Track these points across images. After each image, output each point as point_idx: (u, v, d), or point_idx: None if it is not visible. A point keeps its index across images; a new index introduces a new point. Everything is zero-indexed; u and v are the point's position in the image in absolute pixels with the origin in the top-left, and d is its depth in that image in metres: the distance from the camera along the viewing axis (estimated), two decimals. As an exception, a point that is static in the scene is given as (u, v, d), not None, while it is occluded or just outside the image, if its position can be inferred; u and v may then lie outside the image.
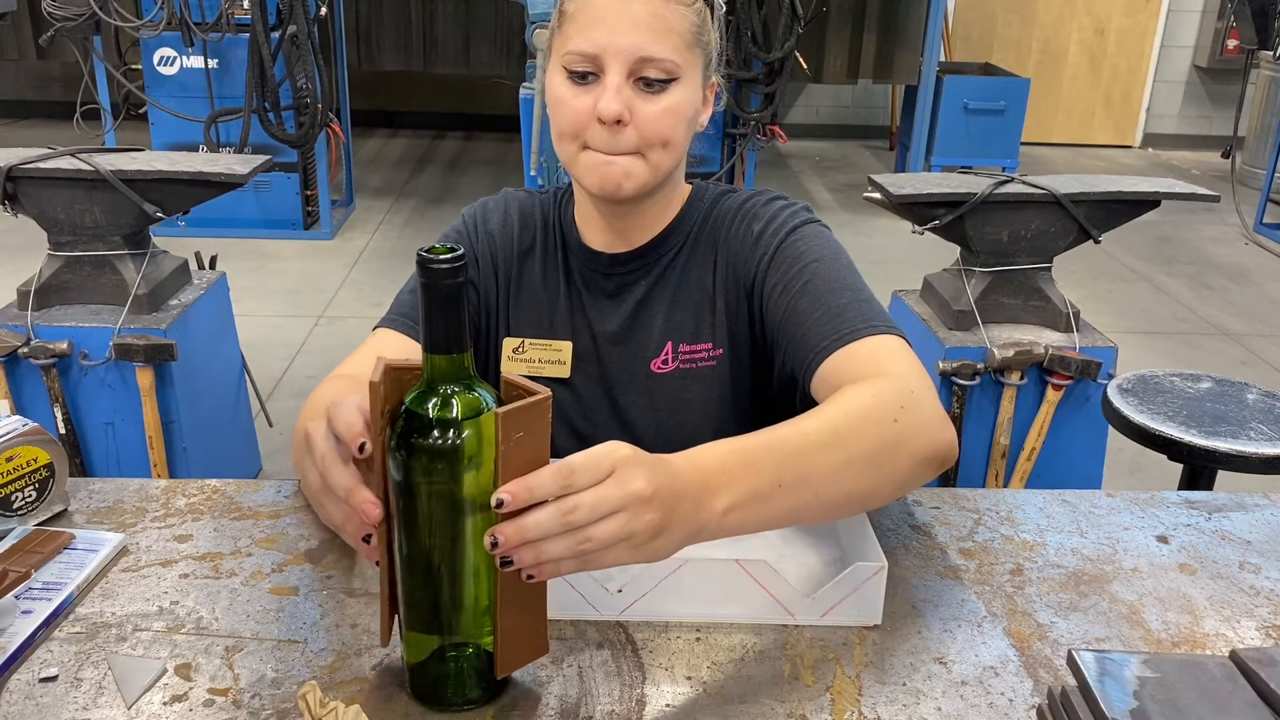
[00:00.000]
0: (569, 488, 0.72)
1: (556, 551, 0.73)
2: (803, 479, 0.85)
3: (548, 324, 1.24)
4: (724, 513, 0.81)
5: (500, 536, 0.72)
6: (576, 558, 0.74)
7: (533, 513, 0.72)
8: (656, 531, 0.75)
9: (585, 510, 0.72)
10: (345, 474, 0.78)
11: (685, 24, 1.07)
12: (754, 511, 0.83)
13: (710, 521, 0.80)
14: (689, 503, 0.78)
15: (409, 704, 0.82)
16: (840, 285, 1.10)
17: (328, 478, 0.79)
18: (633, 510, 0.74)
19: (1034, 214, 2.44)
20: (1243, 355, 4.15)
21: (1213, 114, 7.74)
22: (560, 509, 0.72)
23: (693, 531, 0.79)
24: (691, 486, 0.79)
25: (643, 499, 0.74)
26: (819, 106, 7.78)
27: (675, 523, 0.77)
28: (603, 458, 0.74)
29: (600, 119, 1.06)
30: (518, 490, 0.72)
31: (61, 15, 4.39)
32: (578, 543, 0.73)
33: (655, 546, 0.76)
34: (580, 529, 0.72)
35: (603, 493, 0.73)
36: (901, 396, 0.94)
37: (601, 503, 0.73)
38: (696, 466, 0.80)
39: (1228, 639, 0.94)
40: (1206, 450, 1.84)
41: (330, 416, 0.80)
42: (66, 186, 2.35)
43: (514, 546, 0.72)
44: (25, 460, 1.04)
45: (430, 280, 0.72)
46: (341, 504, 0.79)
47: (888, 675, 0.87)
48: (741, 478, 0.82)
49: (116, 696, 0.82)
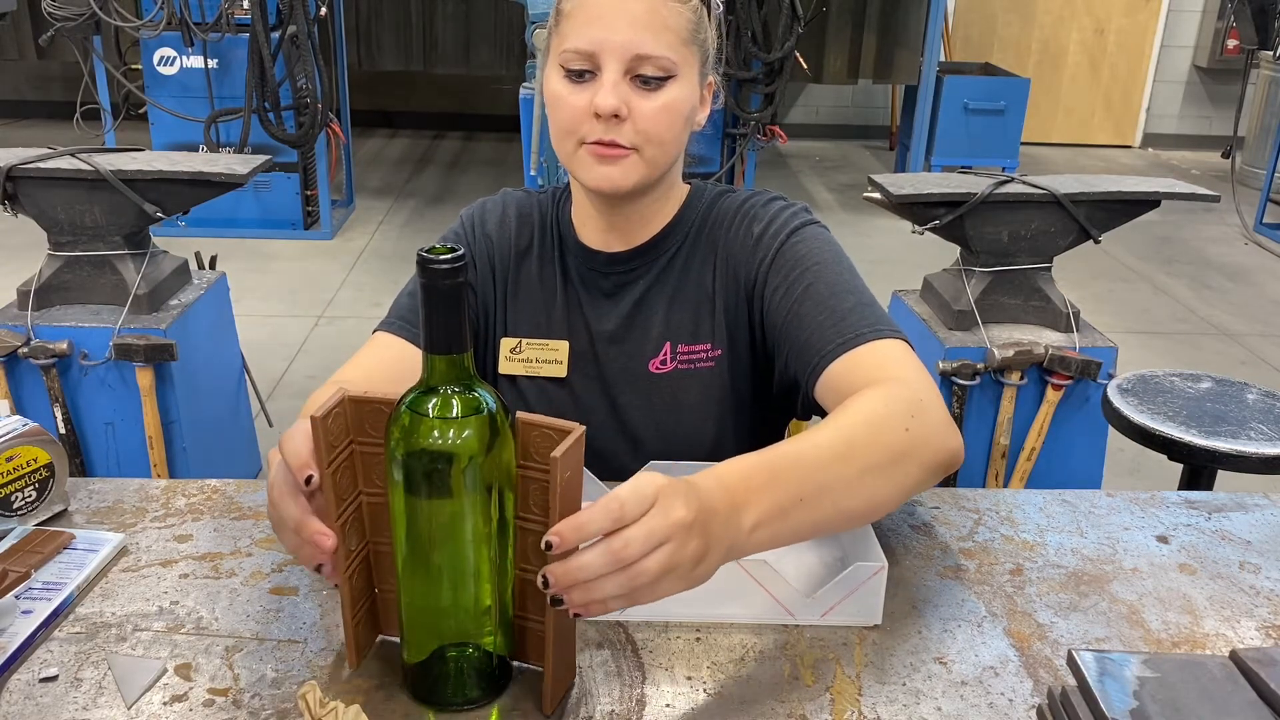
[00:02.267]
0: (620, 522, 0.71)
1: (609, 590, 0.72)
2: (823, 491, 0.85)
3: (545, 323, 1.24)
4: (751, 530, 0.80)
5: (551, 577, 0.71)
6: (627, 593, 0.72)
7: (582, 554, 0.71)
8: (700, 558, 0.75)
9: (637, 545, 0.71)
10: (293, 506, 0.79)
11: (681, 21, 1.07)
12: (779, 527, 0.83)
13: (739, 540, 0.80)
14: (720, 521, 0.77)
15: (409, 704, 0.82)
16: (843, 289, 1.10)
17: (278, 510, 0.80)
18: (679, 540, 0.73)
19: (1034, 214, 2.43)
20: (1243, 355, 4.15)
21: (1213, 114, 7.73)
22: (611, 547, 0.71)
23: (725, 551, 0.78)
24: (721, 505, 0.78)
25: (686, 526, 0.73)
26: (819, 106, 7.78)
27: (714, 545, 0.76)
28: (645, 487, 0.73)
29: (597, 113, 1.06)
30: (567, 532, 0.71)
31: (61, 15, 4.38)
32: (630, 579, 0.72)
33: (699, 573, 0.76)
34: (631, 565, 0.71)
35: (651, 525, 0.72)
36: (911, 404, 0.94)
37: (652, 534, 0.72)
38: (724, 485, 0.80)
39: (1228, 639, 0.94)
40: (1206, 450, 1.84)
41: (281, 445, 0.81)
42: (66, 186, 2.35)
43: (565, 588, 0.72)
44: (25, 460, 1.04)
45: (430, 280, 0.72)
46: (294, 535, 0.79)
47: (888, 675, 0.87)
48: (766, 494, 0.82)
49: (116, 696, 0.82)
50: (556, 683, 0.81)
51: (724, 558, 0.79)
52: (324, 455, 0.77)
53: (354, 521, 0.82)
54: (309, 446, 0.78)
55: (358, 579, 0.84)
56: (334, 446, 0.78)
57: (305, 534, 0.78)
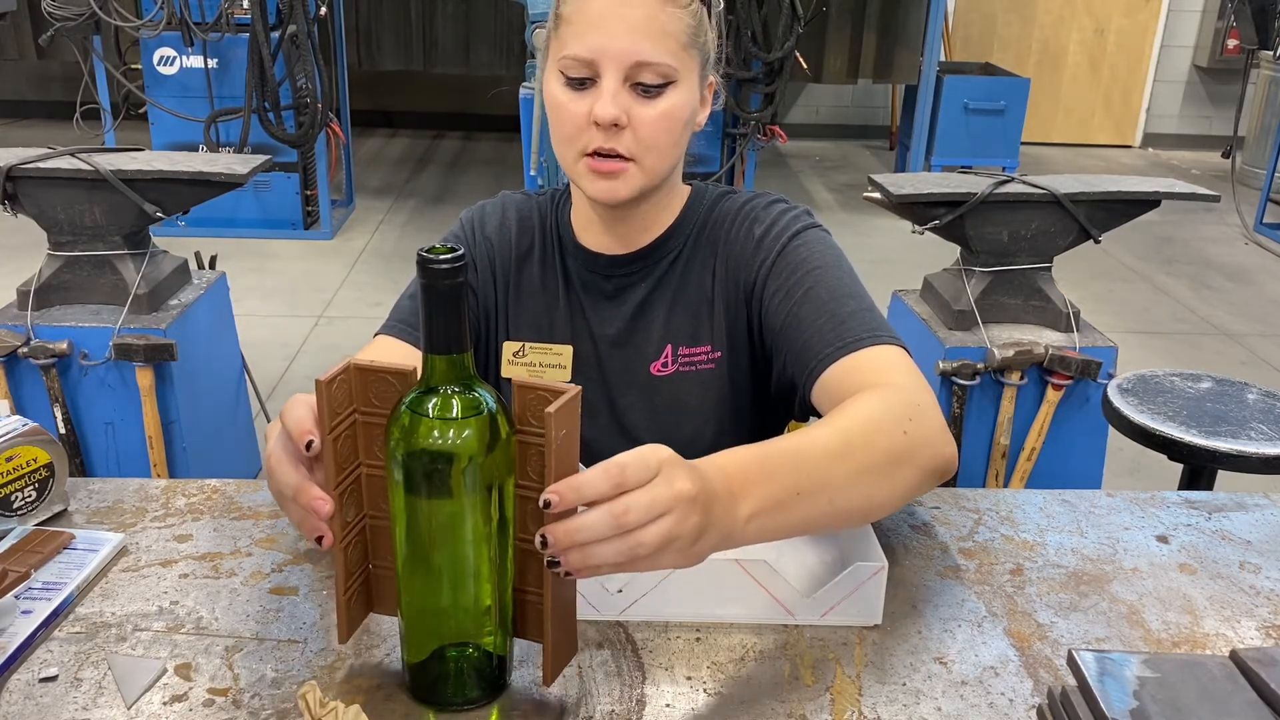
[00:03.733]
0: (620, 486, 0.71)
1: (607, 555, 0.71)
2: (820, 487, 0.85)
3: (547, 327, 1.23)
4: (747, 520, 0.80)
5: (550, 537, 0.71)
6: (626, 561, 0.72)
7: (585, 515, 0.71)
8: (699, 534, 0.74)
9: (639, 512, 0.70)
10: (293, 473, 0.79)
11: (681, 26, 1.07)
12: (774, 519, 0.82)
13: (735, 528, 0.79)
14: (721, 506, 0.77)
15: (409, 704, 0.82)
16: (843, 293, 1.10)
17: (276, 477, 0.80)
18: (680, 512, 0.72)
19: (1034, 214, 2.44)
20: (1243, 355, 4.15)
21: (1213, 114, 7.73)
22: (612, 511, 0.70)
23: (723, 535, 0.78)
24: (721, 490, 0.78)
25: (689, 499, 0.73)
26: (819, 106, 7.78)
27: (712, 525, 0.76)
28: (650, 456, 0.73)
29: (596, 122, 1.06)
30: (565, 491, 0.70)
31: (61, 15, 4.39)
32: (630, 547, 0.71)
33: (698, 550, 0.76)
34: (632, 532, 0.71)
35: (654, 492, 0.71)
36: (909, 409, 0.94)
37: (655, 503, 0.71)
38: (722, 471, 0.80)
39: (1228, 639, 0.94)
40: (1206, 450, 1.84)
41: (282, 414, 0.81)
42: (66, 186, 2.35)
43: (564, 549, 0.71)
44: (25, 460, 1.04)
45: (430, 280, 0.72)
46: (294, 503, 0.79)
47: (888, 675, 0.87)
48: (763, 485, 0.82)
49: (116, 696, 0.82)
50: (557, 653, 0.80)
51: (719, 543, 0.78)
52: (326, 421, 0.76)
53: (352, 492, 0.82)
54: (311, 414, 0.78)
55: (353, 551, 0.83)
56: (337, 414, 0.77)
57: (302, 499, 0.77)
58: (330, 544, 0.79)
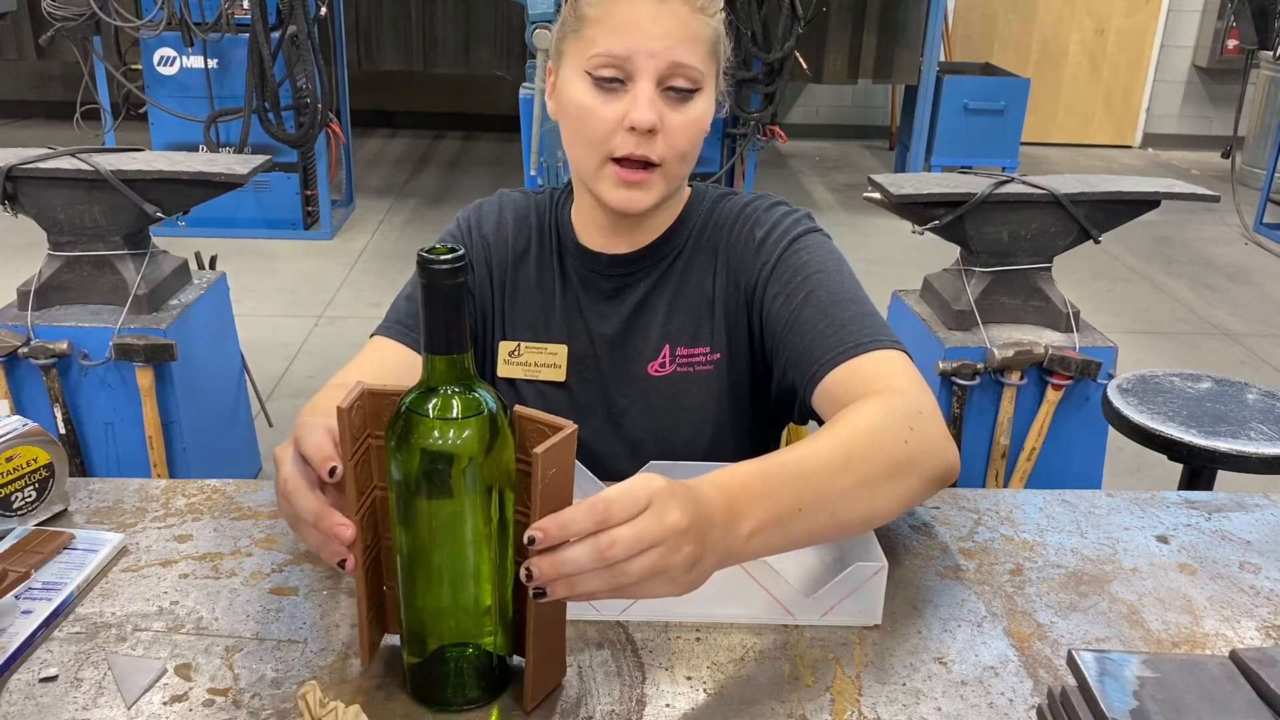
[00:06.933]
0: (604, 524, 0.71)
1: (592, 586, 0.72)
2: (821, 500, 0.85)
3: (544, 327, 1.23)
4: (748, 537, 0.80)
5: (535, 570, 0.71)
6: (612, 590, 0.72)
7: (569, 548, 0.71)
8: (692, 563, 0.75)
9: (623, 546, 0.71)
10: (312, 499, 0.78)
11: (708, 32, 1.08)
12: (776, 535, 0.83)
13: (736, 546, 0.79)
14: (718, 529, 0.77)
15: (409, 704, 0.82)
16: (844, 297, 1.10)
17: (295, 504, 0.79)
18: (670, 544, 0.72)
19: (1034, 214, 2.44)
20: (1243, 355, 4.15)
21: (1213, 114, 7.74)
22: (597, 544, 0.71)
23: (721, 557, 0.78)
24: (719, 512, 0.78)
25: (679, 531, 0.73)
26: (819, 106, 7.78)
27: (708, 552, 0.76)
28: (639, 490, 0.73)
29: (633, 127, 1.05)
30: (550, 528, 0.71)
31: (61, 15, 4.38)
32: (614, 577, 0.71)
33: (691, 578, 0.76)
34: (617, 564, 0.71)
35: (641, 527, 0.71)
36: (910, 416, 0.94)
37: (640, 538, 0.71)
38: (722, 491, 0.79)
39: (1228, 639, 0.94)
40: (1206, 450, 1.84)
41: (298, 440, 0.80)
42: (66, 186, 2.35)
43: (549, 581, 0.71)
44: (25, 460, 1.04)
45: (430, 280, 0.72)
46: (314, 529, 0.79)
47: (888, 675, 0.87)
48: (764, 501, 0.82)
49: (116, 696, 0.82)
50: (538, 677, 0.80)
51: (719, 564, 0.79)
52: (348, 447, 0.76)
53: (369, 516, 0.82)
54: (330, 440, 0.78)
55: (372, 575, 0.84)
56: (354, 439, 0.77)
57: (324, 526, 0.77)
58: (353, 568, 0.79)
